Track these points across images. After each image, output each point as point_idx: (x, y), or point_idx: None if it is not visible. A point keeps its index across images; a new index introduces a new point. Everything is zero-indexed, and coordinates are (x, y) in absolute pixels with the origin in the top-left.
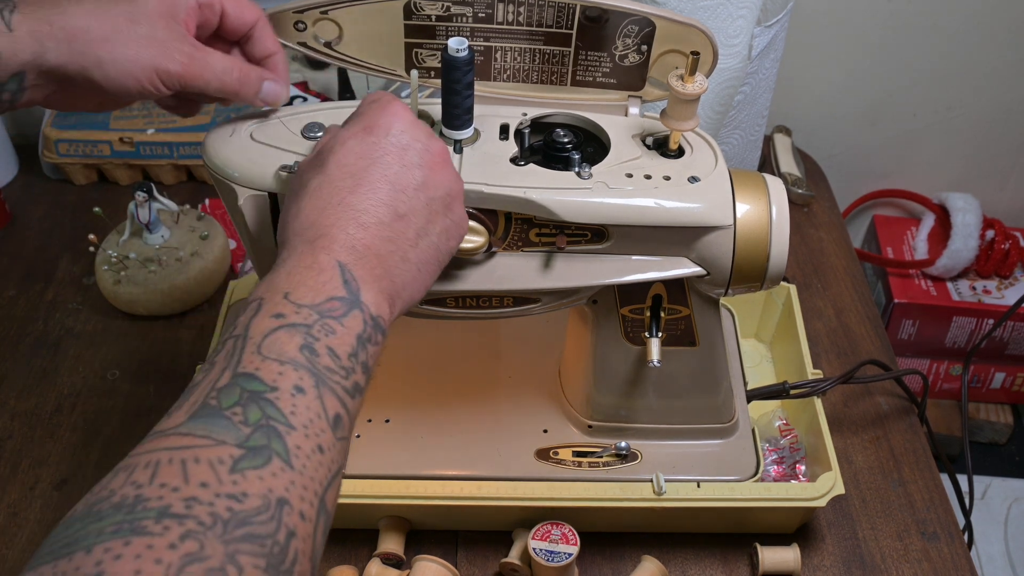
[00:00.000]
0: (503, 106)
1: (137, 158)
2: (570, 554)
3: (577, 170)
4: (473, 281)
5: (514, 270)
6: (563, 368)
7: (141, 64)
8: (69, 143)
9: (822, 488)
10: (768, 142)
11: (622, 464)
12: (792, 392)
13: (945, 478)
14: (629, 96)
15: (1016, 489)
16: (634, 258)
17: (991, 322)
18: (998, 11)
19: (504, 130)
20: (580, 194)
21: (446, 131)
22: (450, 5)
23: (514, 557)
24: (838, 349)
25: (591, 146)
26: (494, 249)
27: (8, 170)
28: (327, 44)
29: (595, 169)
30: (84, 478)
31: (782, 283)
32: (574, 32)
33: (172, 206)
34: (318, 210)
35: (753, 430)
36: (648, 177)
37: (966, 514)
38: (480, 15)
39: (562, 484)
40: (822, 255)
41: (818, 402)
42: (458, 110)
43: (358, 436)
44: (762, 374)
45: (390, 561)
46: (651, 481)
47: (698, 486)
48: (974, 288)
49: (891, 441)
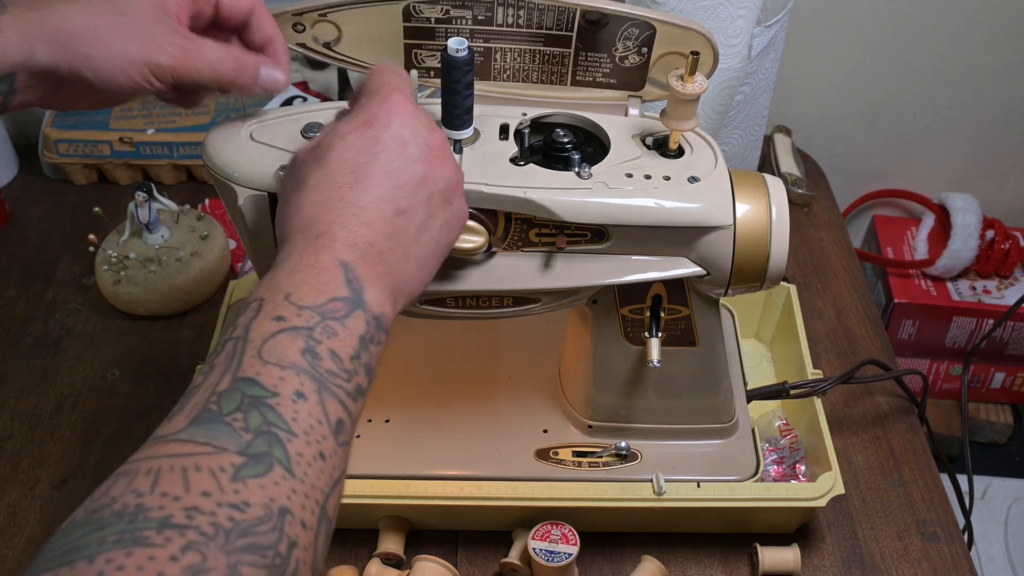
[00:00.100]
0: (503, 106)
1: (137, 158)
2: (570, 554)
3: (577, 170)
4: (473, 281)
5: (514, 270)
6: (563, 368)
7: (131, 59)
8: (69, 143)
9: (822, 488)
10: (768, 142)
11: (622, 464)
12: (792, 392)
13: (945, 478)
14: (629, 96)
15: (1016, 489)
16: (634, 258)
17: (991, 322)
18: (998, 11)
19: (504, 130)
20: (580, 194)
21: (446, 131)
22: (449, 8)
23: (514, 557)
24: (838, 349)
25: (591, 146)
26: (494, 249)
27: (8, 170)
28: (326, 45)
29: (595, 169)
30: (84, 478)
31: (782, 283)
32: (574, 35)
33: (172, 206)
34: (319, 205)
35: (753, 430)
36: (648, 177)
37: (966, 514)
38: (479, 18)
39: (562, 484)
40: (822, 255)
41: (818, 402)
42: (458, 110)
43: (358, 436)
44: (762, 374)
45: (390, 561)
46: (651, 481)
47: (698, 486)
48: (974, 288)
49: (891, 441)
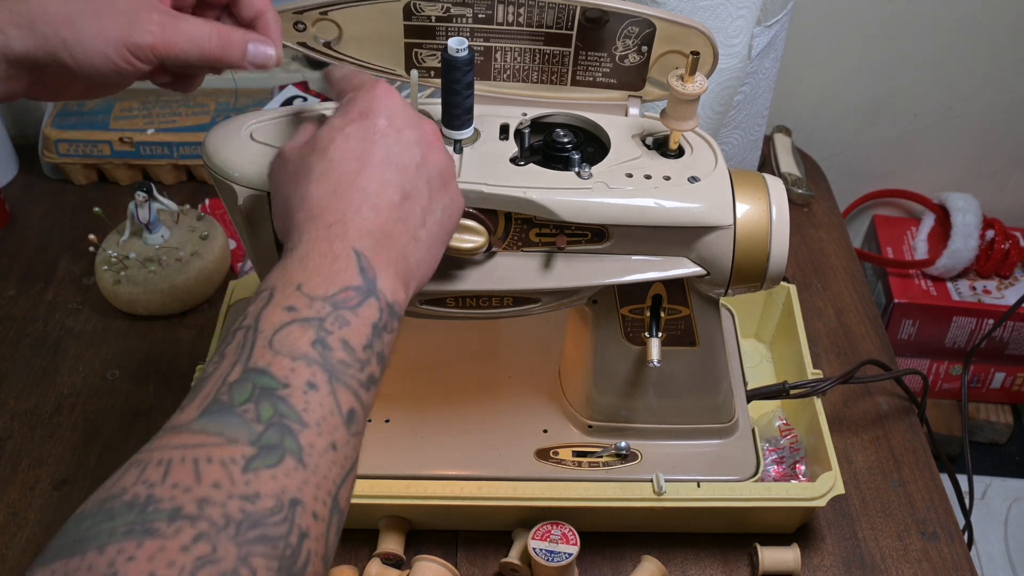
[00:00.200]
0: (503, 106)
1: (137, 158)
2: (570, 554)
3: (577, 170)
4: (473, 281)
5: (514, 270)
6: (563, 368)
7: (108, 40)
8: (69, 143)
9: (822, 488)
10: (768, 142)
11: (622, 464)
12: (792, 392)
13: (945, 478)
14: (629, 96)
15: (1016, 489)
16: (634, 258)
17: (991, 322)
18: (998, 11)
19: (504, 130)
20: (580, 194)
21: (446, 131)
22: (450, 6)
23: (514, 557)
24: (838, 349)
25: (591, 146)
26: (494, 249)
27: (8, 170)
28: (326, 44)
29: (595, 169)
30: (84, 478)
31: (782, 283)
32: (574, 33)
33: (172, 206)
34: (328, 193)
35: (753, 430)
36: (648, 177)
37: (966, 514)
38: (480, 16)
39: (562, 484)
40: (822, 255)
41: (818, 402)
42: (458, 110)
43: None
44: (762, 374)
45: (390, 561)
46: (651, 481)
47: (698, 486)
48: (974, 288)
49: (891, 441)
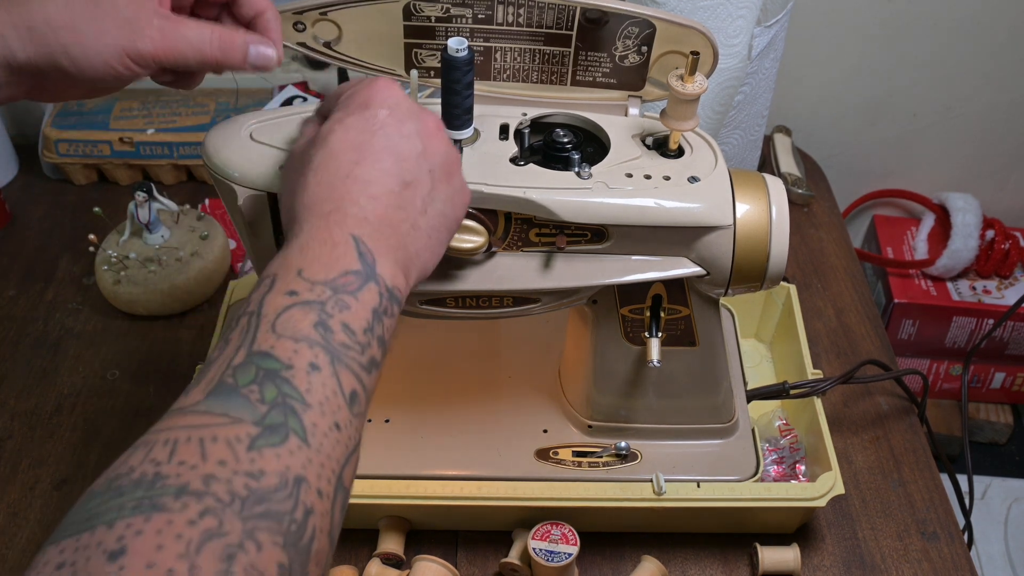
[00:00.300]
0: (503, 106)
1: (137, 158)
2: (570, 554)
3: (577, 170)
4: (473, 281)
5: (514, 270)
6: (563, 368)
7: (109, 47)
8: (69, 143)
9: (822, 488)
10: (768, 142)
11: (622, 464)
12: (792, 392)
13: (945, 478)
14: (629, 96)
15: (1016, 489)
16: (634, 258)
17: (991, 322)
18: (998, 11)
19: (504, 130)
20: (580, 194)
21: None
22: (450, 6)
23: (514, 557)
24: (838, 349)
25: (591, 146)
26: (494, 249)
27: (8, 170)
28: (326, 44)
29: (595, 169)
30: (84, 478)
31: (782, 283)
32: (574, 33)
33: (172, 206)
34: (326, 184)
35: (753, 430)
36: (648, 177)
37: (966, 514)
38: (480, 16)
39: (562, 484)
40: (822, 255)
41: (818, 402)
42: (458, 110)
43: None
44: (762, 374)
45: (390, 561)
46: (651, 481)
47: (698, 486)
48: (974, 288)
49: (891, 441)
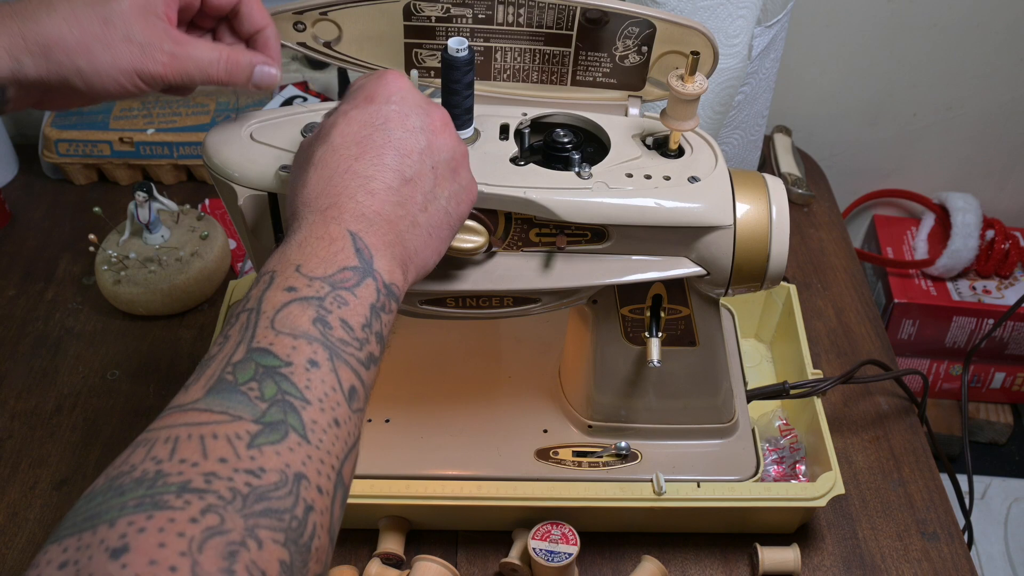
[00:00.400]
0: (503, 106)
1: (137, 158)
2: (570, 554)
3: (577, 170)
4: (473, 281)
5: (514, 270)
6: (563, 368)
7: (121, 68)
8: (69, 143)
9: (822, 488)
10: (768, 142)
11: (622, 464)
12: (792, 392)
13: (945, 478)
14: (629, 96)
15: (1016, 489)
16: (634, 258)
17: (991, 322)
18: (998, 11)
19: (504, 130)
20: (580, 194)
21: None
22: (450, 6)
23: (514, 557)
24: (838, 349)
25: (591, 146)
26: (494, 249)
27: (8, 170)
28: (326, 44)
29: (595, 169)
30: (84, 478)
31: (782, 283)
32: (574, 33)
33: (172, 206)
34: (325, 179)
35: (753, 430)
36: (648, 177)
37: (966, 514)
38: (480, 16)
39: (562, 484)
40: (822, 255)
41: (818, 402)
42: (458, 110)
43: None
44: (762, 374)
45: (390, 561)
46: (651, 481)
47: (698, 486)
48: (974, 288)
49: (891, 441)
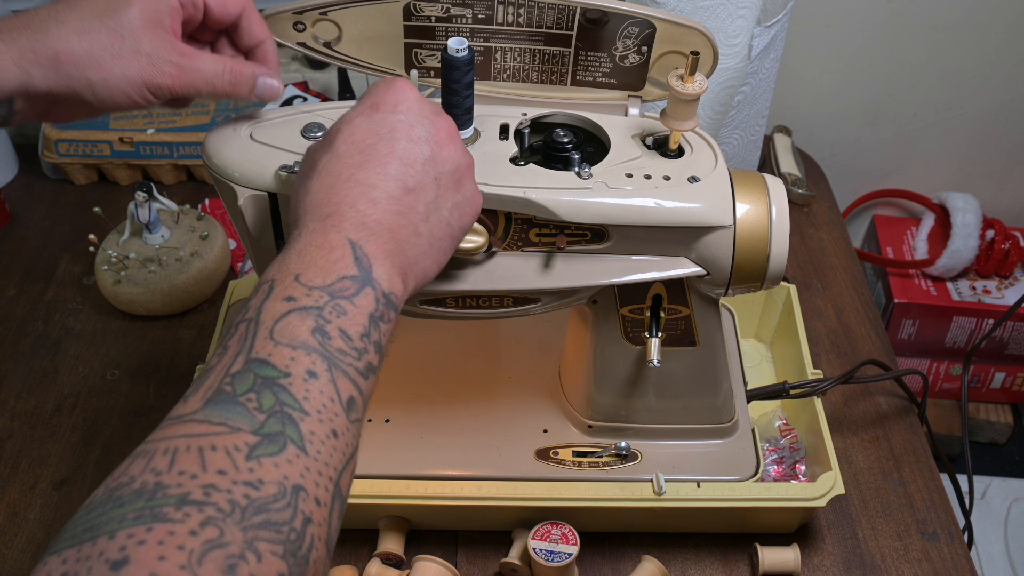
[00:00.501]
0: (503, 106)
1: (137, 158)
2: (570, 554)
3: (577, 170)
4: (473, 281)
5: (514, 270)
6: (563, 368)
7: (131, 82)
8: (69, 143)
9: (822, 488)
10: (768, 142)
11: (622, 464)
12: (792, 392)
13: (945, 478)
14: (629, 96)
15: (1016, 489)
16: (634, 258)
17: (991, 322)
18: (998, 11)
19: (504, 130)
20: (580, 194)
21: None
22: (450, 6)
23: (514, 557)
24: (838, 349)
25: (591, 146)
26: (494, 249)
27: (8, 170)
28: (326, 44)
29: (595, 169)
30: (84, 478)
31: (782, 283)
32: (574, 33)
33: (172, 206)
34: (327, 187)
35: (753, 430)
36: (648, 177)
37: (966, 514)
38: (480, 16)
39: (562, 484)
40: (822, 255)
41: (818, 402)
42: (458, 110)
43: None
44: (762, 374)
45: (390, 561)
46: (651, 481)
47: (698, 486)
48: (974, 288)
49: (891, 441)
